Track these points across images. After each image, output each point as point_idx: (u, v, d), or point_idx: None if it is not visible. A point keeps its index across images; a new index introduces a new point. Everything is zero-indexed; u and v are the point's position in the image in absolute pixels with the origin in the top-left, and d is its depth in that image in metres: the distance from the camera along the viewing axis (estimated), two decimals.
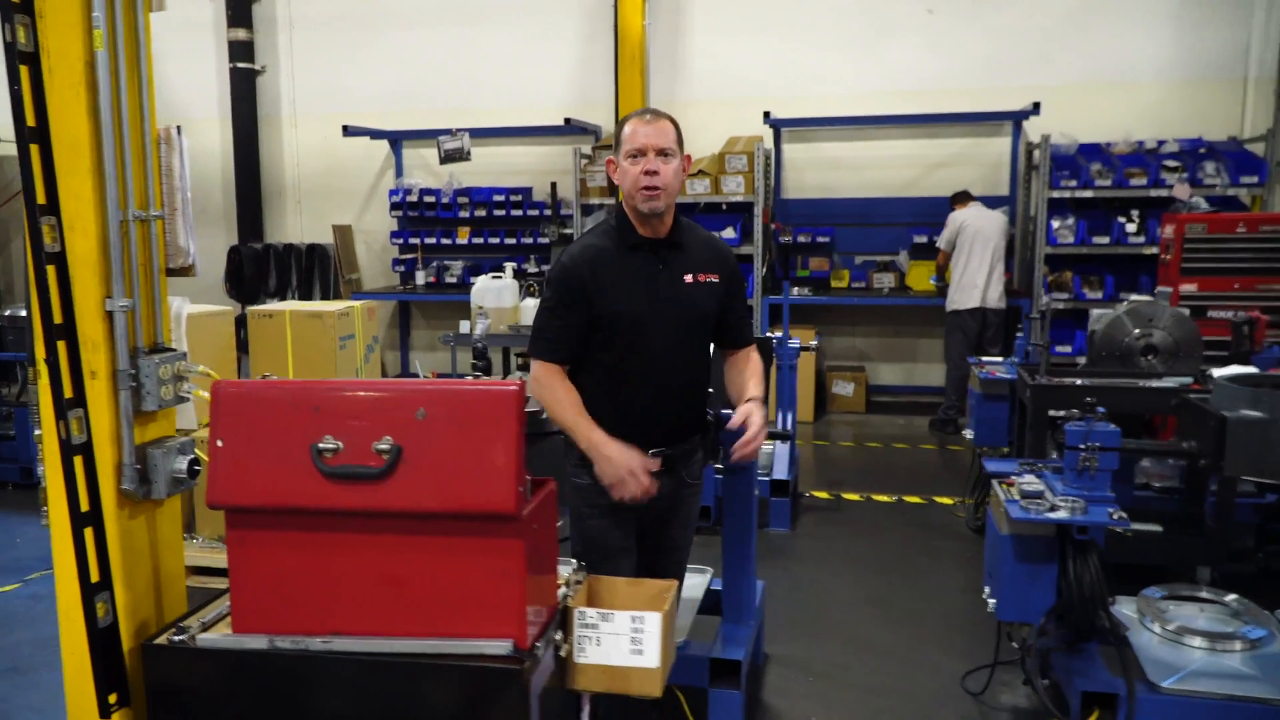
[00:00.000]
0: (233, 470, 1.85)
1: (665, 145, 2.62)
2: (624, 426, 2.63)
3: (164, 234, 2.22)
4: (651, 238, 2.68)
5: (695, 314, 2.72)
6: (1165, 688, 3.03)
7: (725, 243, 2.90)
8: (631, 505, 2.61)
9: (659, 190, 2.58)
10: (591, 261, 2.66)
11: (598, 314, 2.64)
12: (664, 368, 2.69)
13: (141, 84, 2.12)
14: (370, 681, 1.86)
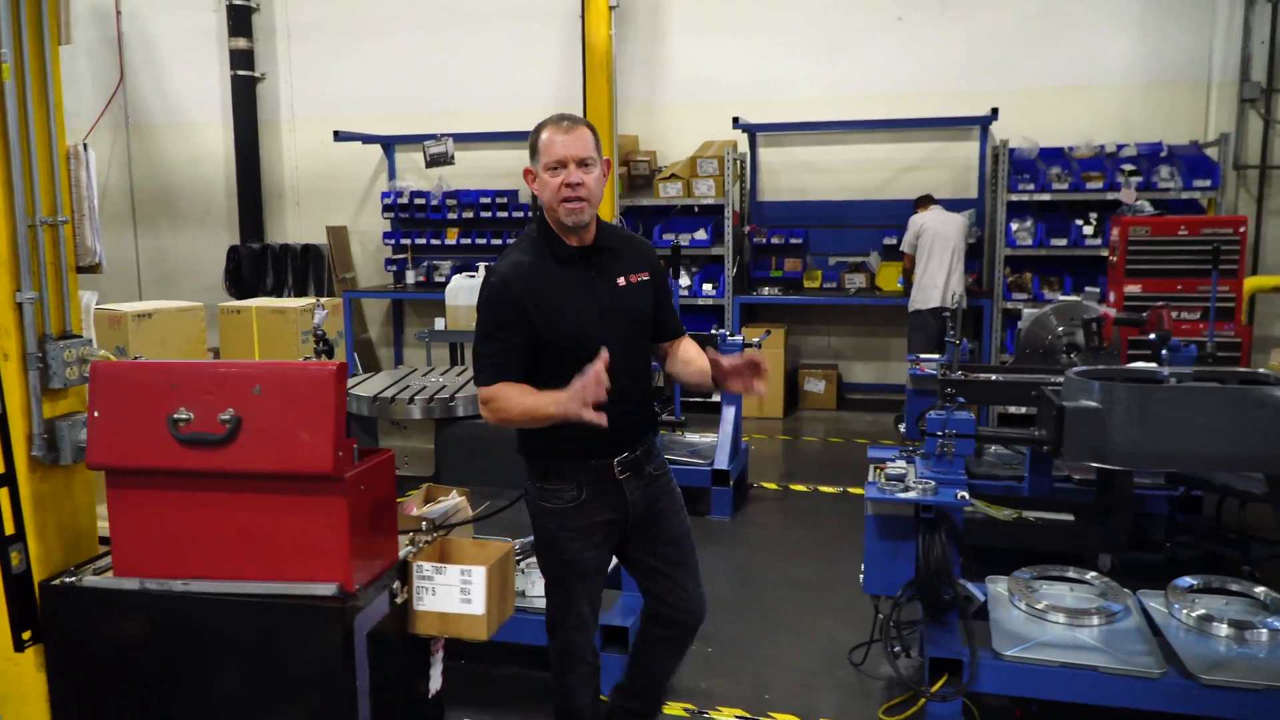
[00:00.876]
0: (106, 437, 2.19)
1: (585, 154, 2.57)
2: (583, 440, 2.56)
3: (73, 237, 2.56)
4: (580, 246, 2.64)
5: (635, 316, 2.71)
6: (1007, 655, 3.29)
7: (643, 238, 2.91)
8: (608, 521, 2.68)
9: (583, 202, 2.54)
10: (525, 280, 2.59)
11: (543, 335, 2.58)
12: (616, 375, 2.55)
13: (49, 107, 2.46)
14: (221, 619, 2.20)
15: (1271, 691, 3.06)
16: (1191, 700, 3.12)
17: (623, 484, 2.71)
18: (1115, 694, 3.18)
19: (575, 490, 2.68)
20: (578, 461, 2.67)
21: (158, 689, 2.26)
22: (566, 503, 2.67)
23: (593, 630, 2.84)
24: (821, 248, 9.11)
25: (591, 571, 2.76)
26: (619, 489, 2.71)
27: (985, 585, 3.84)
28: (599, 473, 2.68)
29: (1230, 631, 3.41)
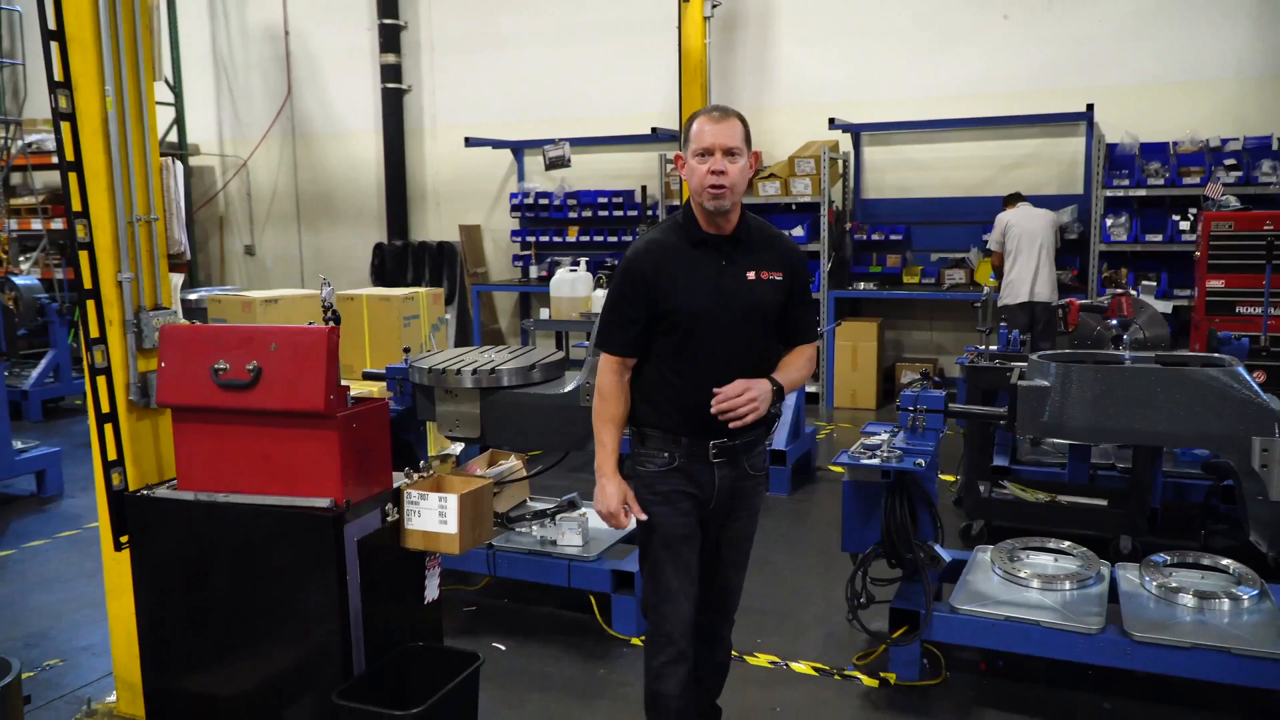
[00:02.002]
0: (169, 382, 2.89)
1: (732, 144, 2.63)
2: (684, 417, 2.70)
3: (164, 231, 3.29)
4: (716, 234, 2.70)
5: (756, 310, 2.71)
6: (960, 608, 3.62)
7: (793, 241, 2.91)
8: (691, 494, 2.73)
9: (725, 189, 2.61)
10: (655, 256, 2.69)
11: (660, 309, 2.67)
12: (724, 361, 2.68)
13: (144, 129, 3.20)
14: (248, 523, 2.85)
15: (1199, 650, 3.28)
16: (1124, 655, 3.38)
17: (714, 467, 2.74)
18: (1054, 647, 3.47)
19: (667, 456, 2.74)
20: (673, 433, 2.73)
21: (203, 577, 2.95)
22: (657, 467, 2.73)
23: (682, 606, 2.77)
24: (924, 244, 9.29)
25: (678, 539, 2.75)
26: (710, 471, 2.74)
27: (973, 552, 4.17)
28: (693, 449, 2.72)
29: (1194, 601, 3.60)
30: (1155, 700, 3.56)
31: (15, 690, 2.89)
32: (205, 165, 12.22)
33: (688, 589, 2.78)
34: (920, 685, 3.67)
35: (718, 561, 2.90)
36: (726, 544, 2.89)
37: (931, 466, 3.80)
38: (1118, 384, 3.43)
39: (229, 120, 12.15)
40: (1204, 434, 3.36)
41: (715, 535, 2.86)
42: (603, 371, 2.75)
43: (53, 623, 4.29)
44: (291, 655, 2.88)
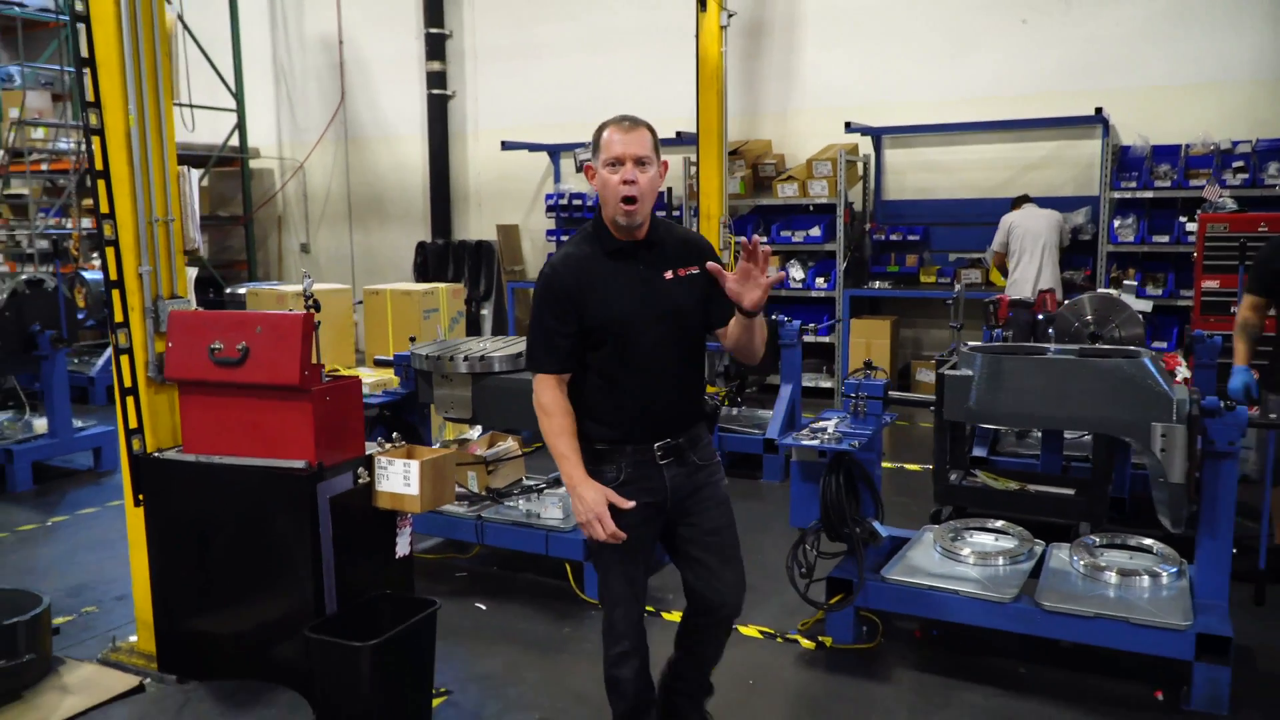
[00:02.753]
0: (175, 358, 3.37)
1: (642, 153, 2.64)
2: (625, 423, 2.75)
3: (180, 231, 3.78)
4: (629, 241, 2.73)
5: (680, 308, 2.76)
6: (889, 578, 3.95)
7: (702, 238, 2.98)
8: (646, 504, 2.75)
9: (636, 202, 2.63)
10: (574, 270, 2.71)
11: (588, 322, 2.69)
12: (657, 364, 2.74)
13: (162, 142, 3.68)
14: (239, 482, 3.32)
15: (1101, 619, 3.57)
16: (1033, 623, 3.68)
17: (663, 469, 2.78)
18: (971, 614, 3.79)
19: (615, 472, 2.76)
20: (620, 445, 2.76)
21: (203, 529, 3.42)
22: (607, 483, 2.73)
23: (631, 609, 2.88)
24: (943, 244, 9.49)
25: (628, 550, 2.78)
26: (659, 473, 2.78)
27: (920, 531, 4.48)
28: (640, 456, 2.76)
29: (1116, 578, 3.88)
30: (1069, 668, 3.83)
31: (45, 620, 3.39)
32: (265, 168, 12.91)
33: (638, 593, 2.88)
34: (854, 648, 4.00)
35: (697, 562, 2.89)
36: (700, 541, 2.88)
37: (872, 449, 4.13)
38: (1033, 373, 3.73)
39: (287, 125, 12.82)
40: (1110, 419, 3.63)
41: (684, 534, 2.88)
42: (540, 390, 2.74)
43: (94, 577, 4.83)
44: (274, 598, 3.34)
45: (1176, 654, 3.49)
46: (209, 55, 11.68)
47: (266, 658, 3.33)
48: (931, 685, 3.73)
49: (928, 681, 3.76)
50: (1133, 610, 3.60)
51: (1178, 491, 3.50)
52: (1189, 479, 3.48)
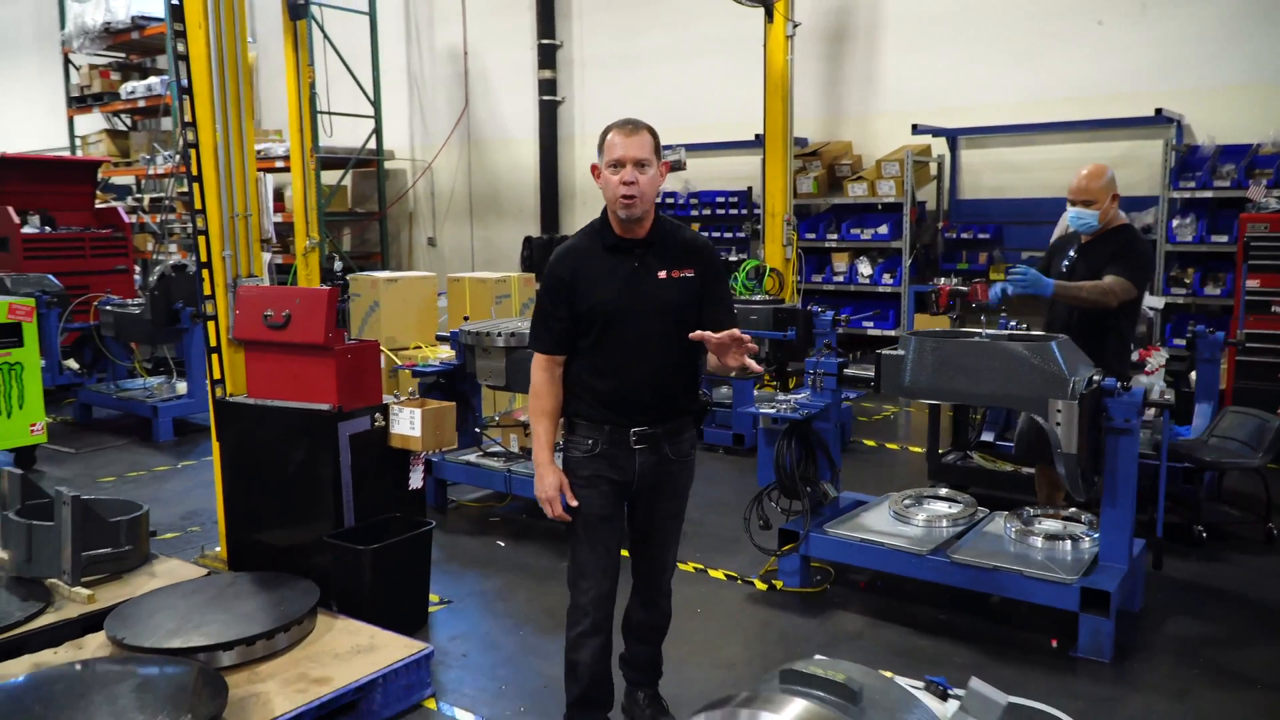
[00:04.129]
0: (240, 323, 4.30)
1: (643, 156, 2.80)
2: (605, 407, 2.93)
3: (257, 224, 4.72)
4: (628, 238, 2.90)
5: (669, 306, 2.90)
6: (829, 531, 4.52)
7: (706, 240, 3.11)
8: (612, 479, 2.96)
9: (635, 199, 2.80)
10: (573, 262, 2.92)
11: (579, 309, 2.88)
12: (640, 356, 2.89)
13: (243, 153, 4.63)
14: (284, 419, 4.22)
15: (1000, 571, 4.06)
16: (943, 572, 4.20)
17: (635, 453, 2.94)
18: (893, 563, 4.34)
19: (591, 445, 2.96)
20: (597, 422, 2.96)
21: (257, 455, 4.34)
22: (582, 452, 2.94)
23: (596, 579, 3.01)
24: (1016, 243, 9.74)
25: (596, 521, 2.97)
26: (631, 456, 2.94)
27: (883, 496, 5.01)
28: (615, 435, 2.94)
29: (1041, 541, 4.35)
30: (988, 619, 4.31)
31: (143, 523, 4.38)
32: (398, 168, 14.19)
33: (605, 566, 3.02)
34: (801, 592, 4.59)
35: (649, 540, 3.13)
36: (655, 525, 3.11)
37: (829, 419, 4.70)
38: (952, 354, 4.22)
39: (418, 129, 14.05)
40: (1017, 396, 4.09)
41: (643, 516, 3.09)
42: (535, 370, 2.99)
43: (202, 506, 5.89)
44: (307, 513, 4.23)
45: (1064, 605, 3.95)
46: (351, 68, 12.98)
47: (300, 558, 4.21)
48: (855, 623, 4.29)
49: (853, 620, 4.33)
50: (1032, 566, 4.07)
51: (1071, 460, 3.94)
52: (1081, 450, 3.92)
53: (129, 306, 7.94)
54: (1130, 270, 4.40)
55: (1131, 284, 4.40)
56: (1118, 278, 4.37)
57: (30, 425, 6.44)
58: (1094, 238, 4.61)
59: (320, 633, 3.72)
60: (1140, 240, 4.62)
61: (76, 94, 14.82)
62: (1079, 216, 4.55)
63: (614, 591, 3.08)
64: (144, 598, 3.87)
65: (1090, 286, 4.38)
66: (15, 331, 6.26)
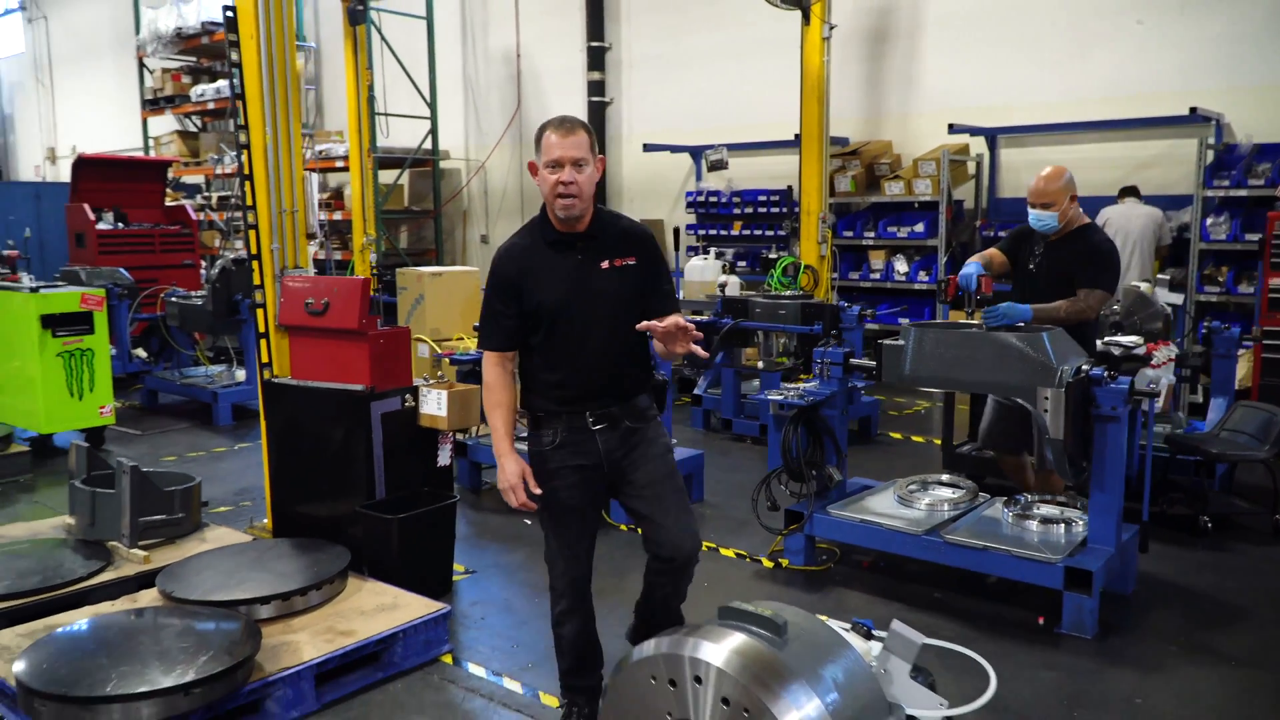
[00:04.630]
0: (284, 310, 4.67)
1: (579, 155, 2.85)
2: (559, 397, 3.00)
3: (303, 219, 5.10)
4: (569, 232, 2.96)
5: (614, 296, 2.97)
6: (831, 512, 4.75)
7: (644, 227, 3.16)
8: (579, 465, 3.00)
9: (574, 199, 2.86)
10: (516, 259, 2.99)
11: (527, 305, 2.95)
12: (589, 346, 2.96)
13: (291, 152, 5.00)
14: (322, 399, 4.58)
15: (989, 550, 4.26)
16: (936, 551, 4.40)
17: (595, 435, 3.00)
18: (890, 542, 4.56)
19: (552, 436, 3.02)
20: (554, 413, 3.03)
21: (299, 432, 4.71)
22: (544, 446, 3.02)
23: (571, 568, 3.12)
24: None
25: (564, 510, 3.04)
26: (592, 439, 3.00)
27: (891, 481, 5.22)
28: (573, 422, 3.00)
29: (1036, 525, 4.53)
30: (982, 598, 4.50)
31: (195, 493, 4.77)
32: (453, 168, 14.63)
33: (575, 553, 3.12)
34: (805, 570, 4.82)
35: (641, 515, 3.09)
36: (638, 495, 3.07)
37: (835, 406, 4.92)
38: (949, 344, 4.42)
39: (473, 130, 14.48)
40: (1008, 384, 4.28)
41: (626, 491, 3.09)
42: (486, 367, 3.05)
43: (254, 483, 6.29)
44: (342, 485, 4.58)
45: (1049, 583, 4.13)
46: (408, 71, 13.44)
47: (337, 527, 4.56)
48: (853, 599, 4.52)
49: (851, 596, 4.55)
50: (1023, 547, 4.26)
51: (1058, 445, 4.12)
52: (1067, 436, 4.10)
53: (192, 298, 8.43)
54: (1100, 278, 4.64)
55: (1105, 292, 4.65)
56: (1090, 290, 4.62)
57: (100, 407, 6.92)
58: (1059, 237, 4.78)
59: (350, 593, 4.06)
60: (1104, 242, 4.79)
61: (150, 96, 15.53)
62: (1039, 219, 4.75)
63: (588, 574, 3.18)
64: (192, 559, 4.25)
65: (1068, 308, 4.60)
66: (86, 320, 6.74)
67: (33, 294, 6.59)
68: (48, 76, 21.03)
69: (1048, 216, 4.71)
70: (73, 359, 6.69)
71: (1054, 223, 4.72)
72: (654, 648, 2.16)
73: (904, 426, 8.01)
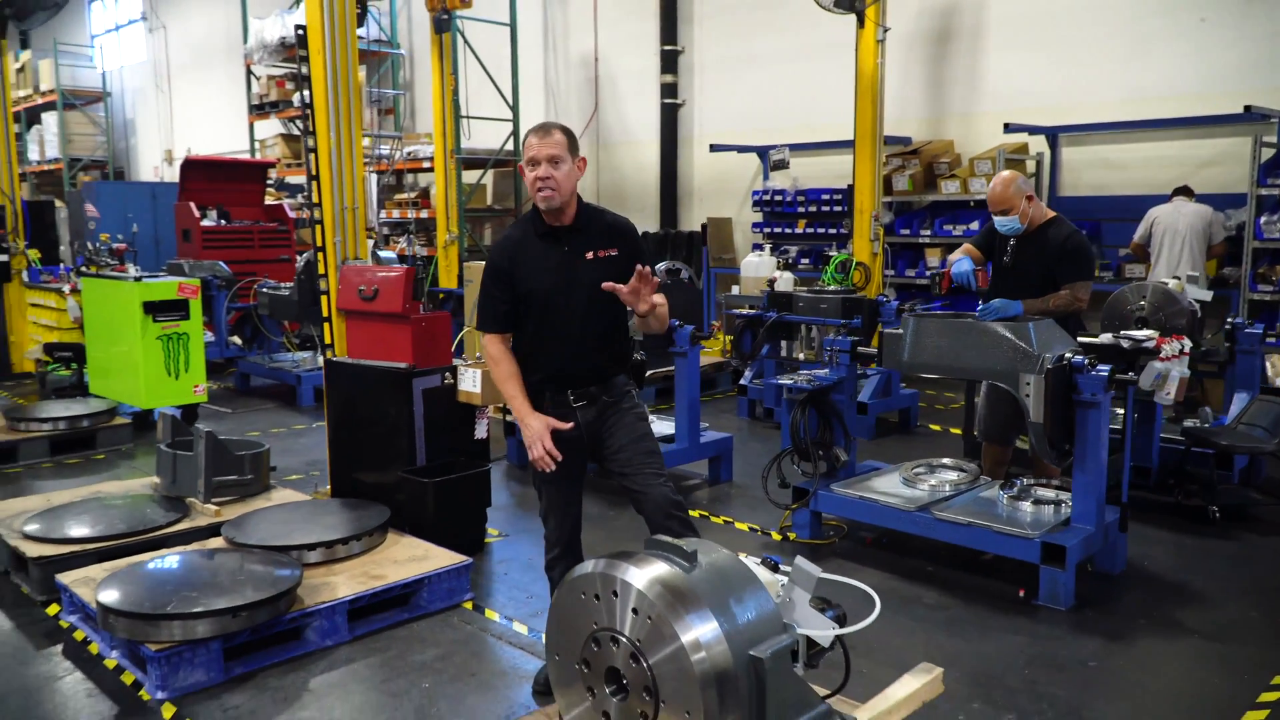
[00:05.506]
0: (341, 295, 5.24)
1: (555, 154, 3.16)
2: (546, 376, 3.32)
3: (363, 215, 5.66)
4: (557, 225, 3.27)
5: (596, 285, 3.21)
6: (834, 490, 5.08)
7: (627, 221, 3.42)
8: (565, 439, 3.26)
9: (552, 193, 3.17)
10: (508, 250, 3.31)
11: (519, 292, 3.26)
12: (573, 330, 3.26)
13: (353, 155, 5.57)
14: (371, 376, 5.12)
15: (973, 526, 4.55)
16: (925, 526, 4.71)
17: (577, 411, 3.34)
18: (884, 517, 4.89)
19: (540, 410, 3.33)
20: (543, 392, 3.36)
21: (353, 406, 5.27)
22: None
23: (562, 520, 3.50)
24: (1115, 240, 9.83)
25: (552, 476, 3.35)
26: (574, 414, 3.34)
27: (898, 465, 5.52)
28: (559, 400, 3.35)
29: (1030, 506, 4.80)
30: (968, 571, 4.78)
31: (264, 458, 5.38)
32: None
33: (563, 507, 3.49)
34: (809, 543, 5.16)
35: (620, 474, 3.41)
36: (614, 458, 3.40)
37: (843, 392, 5.24)
38: (940, 332, 4.72)
39: None
40: (995, 370, 4.55)
41: (606, 455, 3.43)
42: (488, 345, 3.37)
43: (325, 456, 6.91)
44: (389, 454, 5.11)
45: (1026, 557, 4.40)
46: (492, 76, 14.08)
47: (384, 491, 5.09)
48: (850, 569, 4.84)
49: (846, 566, 4.88)
50: (1008, 524, 4.53)
51: (1038, 428, 4.39)
52: (1047, 419, 4.36)
53: (281, 289, 9.16)
54: (1080, 270, 4.95)
55: (1087, 282, 4.96)
56: (1075, 283, 4.92)
57: (194, 386, 7.65)
58: (1029, 232, 5.04)
59: (388, 545, 4.59)
60: (1071, 236, 5.03)
61: (256, 102, 16.54)
62: (1002, 224, 5.06)
63: (577, 526, 3.56)
64: (255, 512, 4.84)
65: (1055, 300, 4.92)
66: (183, 307, 7.47)
67: (136, 283, 7.35)
68: (166, 83, 22.47)
69: (1009, 221, 5.00)
70: (170, 342, 7.43)
71: (1017, 224, 4.99)
72: (590, 568, 2.58)
73: (944, 419, 8.22)
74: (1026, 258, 5.06)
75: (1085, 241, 5.05)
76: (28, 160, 22.39)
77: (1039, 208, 5.09)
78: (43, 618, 4.31)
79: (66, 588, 4.14)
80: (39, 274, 10.12)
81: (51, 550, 4.46)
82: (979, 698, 3.54)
